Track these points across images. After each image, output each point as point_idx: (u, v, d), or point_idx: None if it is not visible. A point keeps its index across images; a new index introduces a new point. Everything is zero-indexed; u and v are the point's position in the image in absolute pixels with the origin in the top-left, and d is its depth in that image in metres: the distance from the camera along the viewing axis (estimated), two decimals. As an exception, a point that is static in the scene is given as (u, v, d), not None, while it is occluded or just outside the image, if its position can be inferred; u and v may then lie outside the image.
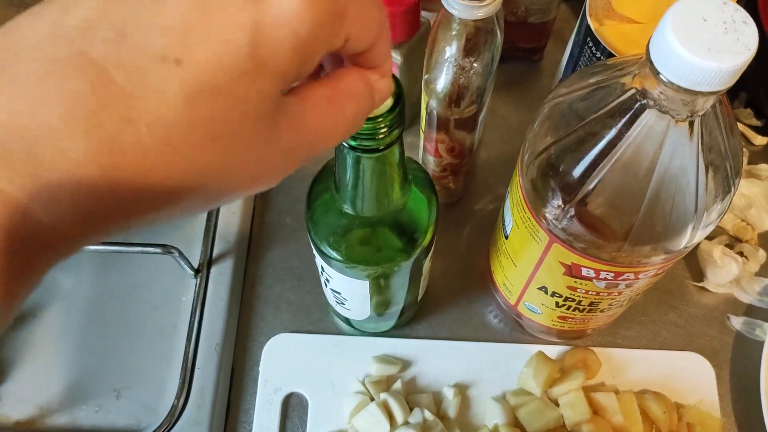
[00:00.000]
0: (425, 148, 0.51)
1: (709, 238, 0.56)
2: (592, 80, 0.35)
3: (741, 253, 0.55)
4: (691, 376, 0.51)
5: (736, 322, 0.54)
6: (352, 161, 0.33)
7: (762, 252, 0.55)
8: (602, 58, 0.44)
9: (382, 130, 0.31)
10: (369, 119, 0.30)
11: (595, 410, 0.48)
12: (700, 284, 0.55)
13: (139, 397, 0.51)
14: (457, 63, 0.43)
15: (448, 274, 0.56)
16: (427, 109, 0.46)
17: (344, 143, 0.32)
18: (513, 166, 0.59)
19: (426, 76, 0.45)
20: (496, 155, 0.61)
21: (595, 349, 0.52)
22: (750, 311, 0.54)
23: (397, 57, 0.52)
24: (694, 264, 0.56)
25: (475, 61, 0.43)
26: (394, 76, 0.32)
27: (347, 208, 0.37)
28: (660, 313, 0.54)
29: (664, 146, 0.31)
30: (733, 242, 0.56)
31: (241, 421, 0.50)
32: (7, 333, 0.53)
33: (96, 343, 0.53)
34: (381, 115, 0.30)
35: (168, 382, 0.51)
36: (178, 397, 0.49)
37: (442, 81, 0.44)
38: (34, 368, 0.52)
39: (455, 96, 0.44)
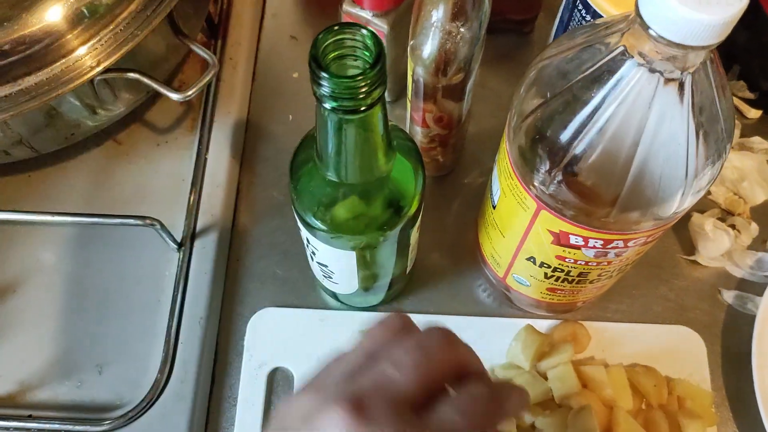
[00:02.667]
0: (412, 119, 0.50)
1: (701, 211, 0.55)
2: (578, 41, 0.34)
3: (733, 227, 0.54)
4: (681, 350, 0.51)
5: (728, 296, 0.53)
6: (333, 125, 0.32)
7: (754, 225, 0.54)
8: (591, 20, 0.43)
9: (363, 89, 0.30)
10: (348, 78, 0.30)
11: (584, 383, 0.48)
12: (692, 258, 0.54)
13: (122, 372, 0.50)
14: (444, 28, 0.41)
15: (437, 248, 0.55)
16: (413, 77, 0.45)
17: (324, 105, 0.31)
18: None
19: (412, 42, 0.44)
20: (485, 129, 0.60)
21: (584, 323, 0.51)
22: (742, 285, 0.54)
23: (383, 26, 0.51)
24: (685, 237, 0.55)
25: (462, 25, 0.41)
26: (374, 35, 0.31)
27: (330, 176, 0.36)
28: (651, 287, 0.53)
29: (653, 107, 0.30)
30: (725, 216, 0.56)
31: (225, 396, 0.50)
32: (-13, 308, 0.52)
33: (77, 319, 0.52)
34: (361, 73, 0.29)
35: (151, 357, 0.50)
36: (161, 372, 0.48)
37: (429, 47, 0.43)
38: (13, 344, 0.51)
39: (442, 63, 0.43)
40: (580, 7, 0.44)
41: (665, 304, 0.53)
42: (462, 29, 0.42)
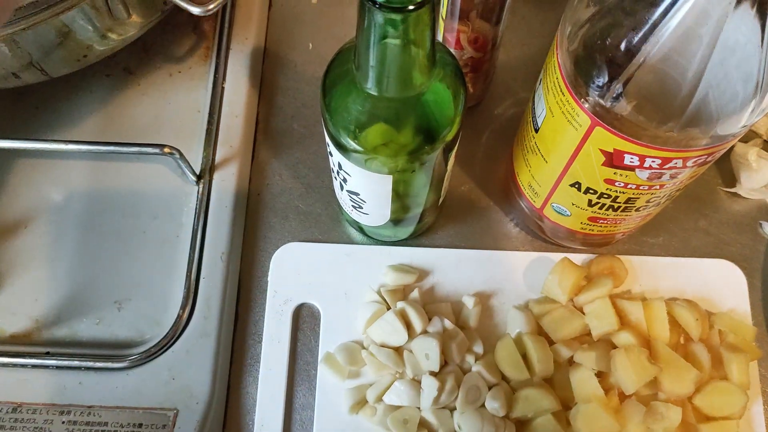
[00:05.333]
0: (445, 41, 0.47)
1: (744, 140, 0.52)
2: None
3: (776, 158, 0.52)
4: (721, 284, 0.49)
5: (769, 229, 0.51)
6: (378, 27, 0.30)
7: (797, 156, 0.52)
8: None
9: (414, -17, 0.27)
10: (400, -30, 0.27)
11: (621, 318, 0.46)
12: (732, 190, 0.52)
13: (142, 309, 0.48)
14: (486, -66, 0.38)
15: (467, 181, 0.53)
16: (450, -9, 0.42)
17: (368, 1, 0.28)
18: (535, 69, 0.55)
19: (450, -48, 0.41)
20: (515, 57, 0.57)
21: (621, 257, 0.49)
22: (783, 218, 0.52)
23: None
24: (725, 169, 0.53)
25: (505, -68, 0.38)
26: None
27: (369, 89, 0.34)
28: (689, 220, 0.51)
29: (731, 10, 0.28)
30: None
31: (250, 333, 0.48)
32: (-1, 244, 0.50)
33: (93, 254, 0.49)
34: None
35: (172, 294, 0.48)
36: (183, 308, 0.46)
37: (469, -44, 0.40)
38: (26, 281, 0.49)
39: (482, -25, 0.40)
40: None
41: (704, 238, 0.51)
42: (505, -64, 0.39)
